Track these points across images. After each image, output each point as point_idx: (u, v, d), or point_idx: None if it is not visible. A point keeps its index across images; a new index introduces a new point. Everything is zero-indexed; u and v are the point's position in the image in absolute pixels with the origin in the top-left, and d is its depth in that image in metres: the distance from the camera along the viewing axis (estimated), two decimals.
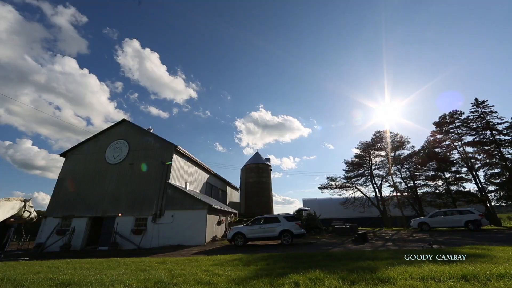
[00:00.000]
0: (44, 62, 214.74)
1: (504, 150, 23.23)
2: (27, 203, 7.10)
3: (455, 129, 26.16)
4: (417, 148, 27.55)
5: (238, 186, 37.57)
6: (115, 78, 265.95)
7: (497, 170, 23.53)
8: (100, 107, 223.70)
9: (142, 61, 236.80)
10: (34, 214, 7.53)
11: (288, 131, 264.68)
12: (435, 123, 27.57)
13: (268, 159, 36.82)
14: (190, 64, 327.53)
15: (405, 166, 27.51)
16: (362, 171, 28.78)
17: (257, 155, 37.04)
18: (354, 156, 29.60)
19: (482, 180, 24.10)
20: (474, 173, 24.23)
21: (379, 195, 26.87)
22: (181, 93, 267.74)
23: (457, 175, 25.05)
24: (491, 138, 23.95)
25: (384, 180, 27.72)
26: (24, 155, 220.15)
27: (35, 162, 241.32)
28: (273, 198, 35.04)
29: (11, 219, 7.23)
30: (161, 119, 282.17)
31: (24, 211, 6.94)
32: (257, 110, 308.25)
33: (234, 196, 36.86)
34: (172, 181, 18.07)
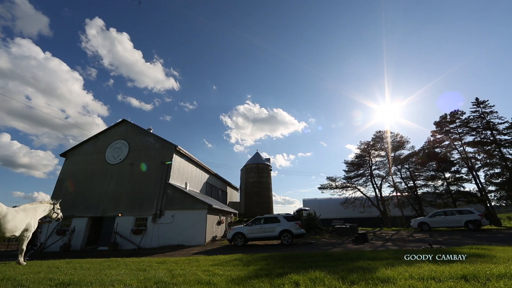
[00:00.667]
0: (2, 44, 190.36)
1: (504, 150, 23.22)
2: (55, 205, 8.69)
3: (456, 129, 26.15)
4: (417, 148, 27.61)
5: (238, 186, 37.58)
6: (85, 61, 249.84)
7: (497, 170, 23.51)
8: (74, 97, 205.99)
9: (113, 44, 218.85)
10: (60, 215, 8.82)
11: (280, 125, 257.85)
12: (435, 123, 27.57)
13: (268, 159, 36.83)
14: (167, 50, 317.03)
15: (405, 166, 27.51)
16: (362, 171, 28.76)
17: (257, 155, 37.05)
18: (354, 156, 29.63)
19: (482, 180, 24.13)
20: (474, 173, 24.22)
21: (379, 195, 26.87)
22: (162, 82, 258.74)
23: (457, 175, 25.04)
24: (491, 138, 23.93)
25: (384, 180, 27.74)
26: (1, 152, 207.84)
27: (18, 159, 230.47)
28: (273, 198, 35.05)
29: (39, 221, 8.17)
30: (143, 111, 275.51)
31: (53, 212, 8.55)
32: (245, 103, 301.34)
33: (234, 196, 36.84)
34: (172, 181, 18.07)
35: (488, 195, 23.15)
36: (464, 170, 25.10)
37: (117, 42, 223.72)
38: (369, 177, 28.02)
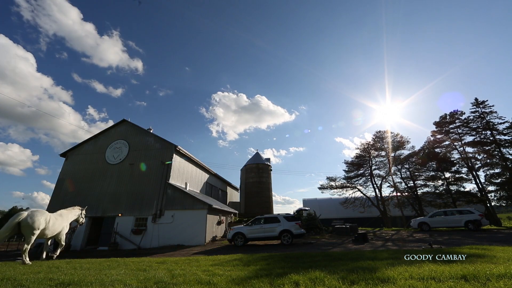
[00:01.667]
0: None
1: (504, 150, 23.22)
2: (83, 211, 10.28)
3: (455, 129, 26.15)
4: (417, 148, 27.60)
5: (238, 186, 37.59)
6: (27, 34, 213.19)
7: (497, 170, 23.50)
8: (29, 81, 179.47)
9: (51, 11, 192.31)
10: (85, 220, 10.39)
11: (266, 116, 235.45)
12: (435, 123, 27.57)
13: (268, 159, 36.84)
14: (124, 23, 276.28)
15: (405, 166, 27.51)
16: (362, 171, 28.75)
17: (257, 155, 37.09)
18: (354, 156, 29.64)
19: (482, 180, 24.13)
20: (474, 173, 24.21)
21: (379, 195, 26.87)
22: (126, 61, 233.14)
23: (457, 175, 25.03)
24: (491, 138, 23.93)
25: (384, 180, 27.73)
26: None
27: None
28: (273, 198, 35.05)
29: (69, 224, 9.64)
30: (113, 98, 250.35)
31: (80, 217, 10.04)
32: (222, 90, 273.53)
33: (234, 196, 36.84)
34: (172, 181, 18.07)
35: (488, 195, 23.14)
36: (464, 170, 25.10)
37: (57, 10, 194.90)
38: (369, 177, 28.02)
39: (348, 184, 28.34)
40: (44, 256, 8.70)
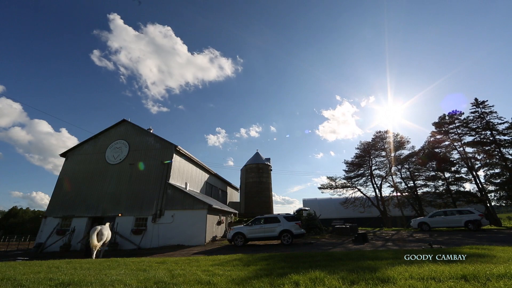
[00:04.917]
0: None
1: (504, 150, 23.22)
2: (110, 225, 12.99)
3: (455, 130, 26.16)
4: (417, 148, 27.62)
5: (238, 186, 37.60)
6: None
7: (497, 170, 23.51)
8: None
9: None
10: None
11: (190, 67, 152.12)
12: (434, 124, 27.58)
13: (268, 159, 36.86)
14: None
15: (405, 166, 27.52)
16: (362, 171, 28.79)
17: (257, 155, 37.10)
18: (354, 156, 29.66)
19: (482, 180, 24.14)
20: (474, 173, 24.22)
21: (379, 195, 26.88)
22: None
23: (457, 175, 25.05)
24: (491, 138, 23.94)
25: (384, 180, 27.75)
26: None
27: None
28: (273, 198, 35.05)
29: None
30: None
31: (110, 229, 12.63)
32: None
33: (234, 196, 36.85)
34: (172, 181, 18.07)
35: (488, 195, 23.15)
36: (464, 170, 25.13)
37: None
38: (369, 177, 28.04)
39: (348, 184, 28.38)
40: (94, 256, 11.07)
